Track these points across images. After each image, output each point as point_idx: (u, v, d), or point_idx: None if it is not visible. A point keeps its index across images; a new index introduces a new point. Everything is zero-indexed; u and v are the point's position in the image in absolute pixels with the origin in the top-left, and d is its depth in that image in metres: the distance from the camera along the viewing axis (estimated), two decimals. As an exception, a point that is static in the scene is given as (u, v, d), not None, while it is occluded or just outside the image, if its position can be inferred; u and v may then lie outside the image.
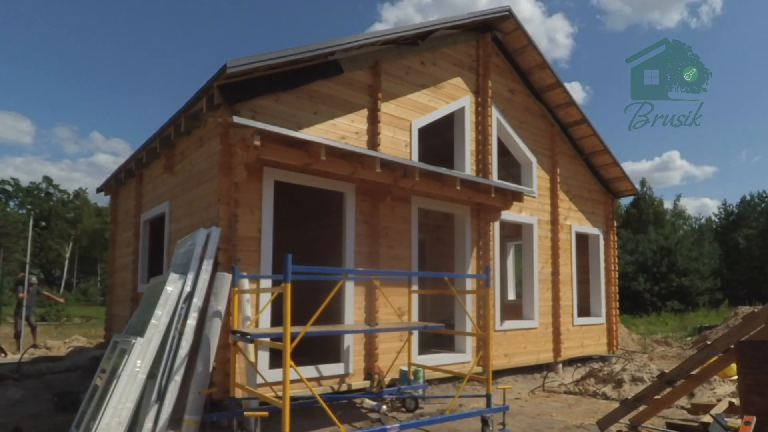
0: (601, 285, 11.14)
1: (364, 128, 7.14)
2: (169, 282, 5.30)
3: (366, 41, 6.81)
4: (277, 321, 7.50)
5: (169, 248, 7.43)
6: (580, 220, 10.68)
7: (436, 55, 8.20)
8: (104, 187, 10.97)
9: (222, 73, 5.43)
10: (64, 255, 59.09)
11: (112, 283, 10.71)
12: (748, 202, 38.27)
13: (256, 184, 6.01)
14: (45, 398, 6.75)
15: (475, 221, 8.44)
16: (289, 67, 6.29)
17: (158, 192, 8.21)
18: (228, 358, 5.59)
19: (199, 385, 5.11)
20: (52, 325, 21.69)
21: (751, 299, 28.17)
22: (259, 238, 6.00)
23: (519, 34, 9.12)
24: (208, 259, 5.52)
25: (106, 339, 10.54)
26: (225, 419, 5.23)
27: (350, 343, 6.66)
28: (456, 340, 8.29)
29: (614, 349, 11.20)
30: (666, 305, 30.13)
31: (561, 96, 9.92)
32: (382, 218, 7.12)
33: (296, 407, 5.56)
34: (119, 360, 4.99)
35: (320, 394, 6.29)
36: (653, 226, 37.40)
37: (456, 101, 8.45)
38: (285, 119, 6.29)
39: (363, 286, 6.87)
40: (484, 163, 8.77)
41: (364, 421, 5.92)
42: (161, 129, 7.19)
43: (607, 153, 10.75)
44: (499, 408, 5.59)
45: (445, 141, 10.49)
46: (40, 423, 5.74)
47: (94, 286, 46.43)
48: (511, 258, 14.80)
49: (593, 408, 6.74)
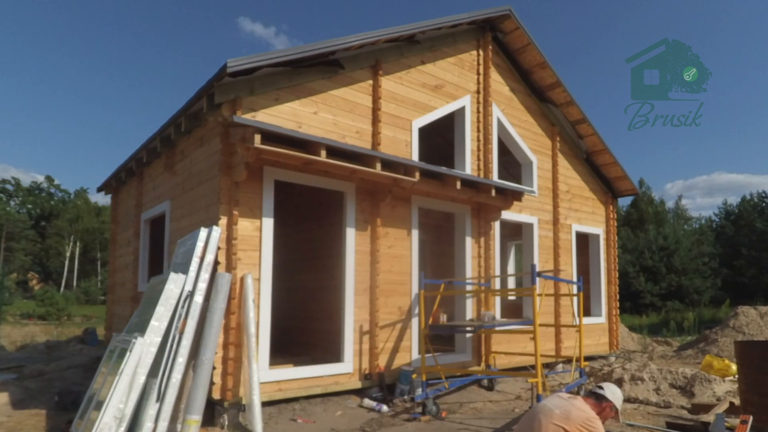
0: (601, 284, 11.13)
1: (364, 128, 7.14)
2: (170, 281, 5.30)
3: (366, 40, 6.80)
4: (277, 320, 7.50)
5: (169, 247, 7.43)
6: (580, 219, 10.68)
7: (436, 54, 8.20)
8: (105, 187, 10.97)
9: (222, 72, 5.43)
10: (64, 254, 59.13)
11: (113, 282, 10.71)
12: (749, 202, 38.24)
13: (256, 183, 6.01)
14: (45, 397, 6.76)
15: (475, 221, 8.43)
16: (290, 67, 6.29)
17: (159, 191, 8.21)
18: (228, 357, 5.60)
19: (200, 385, 5.11)
20: (52, 325, 21.71)
21: (752, 298, 28.17)
22: (259, 238, 6.00)
23: (520, 33, 9.12)
24: (209, 259, 5.52)
25: (106, 338, 10.55)
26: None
27: (350, 342, 6.66)
28: (457, 341, 8.29)
29: (614, 349, 11.19)
30: (666, 305, 30.12)
31: (562, 95, 9.92)
32: (382, 217, 7.12)
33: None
34: (120, 359, 5.00)
35: (320, 394, 6.32)
36: (653, 226, 37.36)
37: (456, 101, 8.44)
38: (285, 118, 6.29)
39: (363, 286, 6.87)
40: (484, 163, 8.77)
41: (365, 420, 5.92)
42: (162, 128, 7.18)
43: (607, 152, 10.75)
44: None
45: (446, 140, 10.50)
46: (41, 422, 5.75)
47: (94, 286, 46.41)
48: (511, 258, 14.81)
49: (593, 407, 6.73)
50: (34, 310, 27.38)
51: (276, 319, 6.80)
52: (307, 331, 8.32)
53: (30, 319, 25.08)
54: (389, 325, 7.10)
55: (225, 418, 5.52)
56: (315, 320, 8.11)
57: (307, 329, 8.34)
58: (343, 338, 6.65)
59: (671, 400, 7.03)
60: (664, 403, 6.95)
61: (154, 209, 8.32)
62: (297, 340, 8.57)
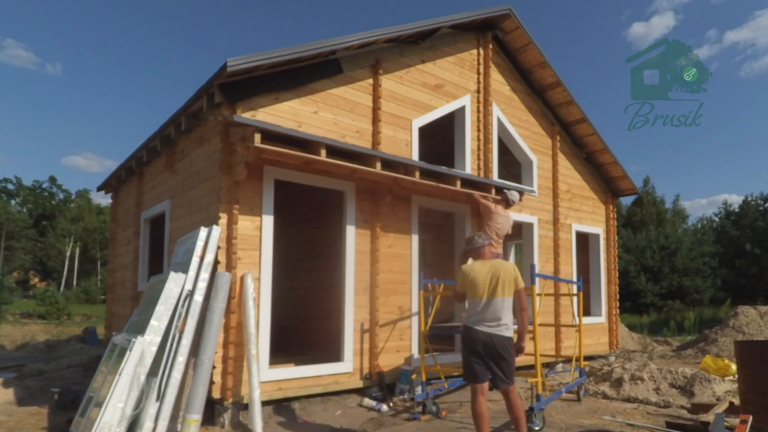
0: (601, 284, 11.13)
1: (364, 127, 7.14)
2: (170, 280, 5.30)
3: (366, 40, 6.80)
4: (277, 319, 7.51)
5: (169, 247, 7.43)
6: (580, 219, 10.68)
7: (436, 53, 8.19)
8: (105, 186, 10.97)
9: (222, 71, 5.43)
10: (65, 253, 59.15)
11: (113, 281, 10.71)
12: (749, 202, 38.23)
13: (256, 182, 6.01)
14: (45, 396, 6.76)
15: (475, 220, 8.43)
16: (290, 66, 6.28)
17: (159, 190, 8.20)
18: (228, 356, 5.60)
19: (200, 384, 5.11)
20: (52, 324, 21.72)
21: (752, 298, 28.16)
22: (259, 237, 6.00)
23: (520, 32, 9.12)
24: (209, 258, 5.52)
25: (106, 337, 10.55)
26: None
27: (350, 342, 6.66)
28: (457, 340, 8.29)
29: (614, 349, 11.19)
30: (666, 304, 30.11)
31: (562, 95, 9.92)
32: (382, 217, 7.12)
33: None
34: (119, 359, 5.00)
35: (320, 393, 6.32)
36: (654, 225, 37.33)
37: (457, 100, 8.44)
38: (285, 118, 6.28)
39: (363, 286, 6.87)
40: (484, 162, 8.77)
41: (364, 420, 5.92)
42: (162, 127, 7.18)
43: (607, 152, 10.75)
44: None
45: (446, 140, 10.48)
46: (41, 421, 5.75)
47: (95, 285, 46.42)
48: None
49: (593, 407, 6.74)
50: (34, 309, 27.40)
51: (276, 318, 6.81)
52: (307, 331, 8.33)
53: (30, 318, 25.10)
54: (389, 325, 7.10)
55: (225, 417, 5.52)
56: (315, 320, 8.12)
57: (307, 329, 8.35)
58: (343, 338, 6.65)
59: (671, 399, 7.03)
60: (663, 402, 6.95)
61: (154, 208, 8.32)
62: (297, 340, 8.57)
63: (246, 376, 5.61)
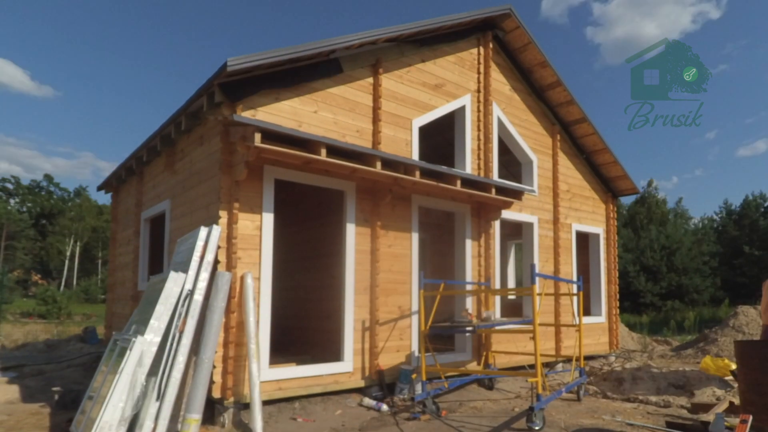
0: (601, 284, 11.13)
1: (364, 126, 7.14)
2: (170, 280, 5.30)
3: (366, 39, 6.80)
4: (277, 319, 7.51)
5: (169, 246, 7.43)
6: (580, 218, 10.68)
7: (437, 53, 8.19)
8: (105, 185, 10.97)
9: (222, 70, 5.43)
10: (65, 253, 59.14)
11: (113, 281, 10.71)
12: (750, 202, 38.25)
13: (256, 182, 6.00)
14: (46, 396, 6.76)
15: (475, 220, 8.43)
16: (290, 65, 6.28)
17: (159, 190, 8.21)
18: (228, 356, 5.60)
19: (200, 384, 5.11)
20: (52, 323, 21.72)
21: (752, 298, 28.15)
22: (259, 237, 6.00)
23: (520, 32, 9.11)
24: (209, 258, 5.52)
25: (106, 337, 10.55)
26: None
27: (350, 341, 6.66)
28: (457, 340, 8.30)
29: (614, 348, 11.19)
30: (666, 304, 30.12)
31: (562, 94, 9.91)
32: (382, 217, 7.12)
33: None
34: (120, 358, 5.00)
35: (320, 393, 6.32)
36: (655, 225, 37.35)
37: (457, 100, 8.44)
38: (285, 117, 6.28)
39: (363, 285, 6.88)
40: (485, 162, 8.77)
41: (365, 419, 5.93)
42: (162, 127, 7.18)
43: (608, 152, 10.75)
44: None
45: (446, 140, 10.48)
46: (41, 420, 5.75)
47: (95, 284, 46.42)
48: (512, 257, 14.80)
49: (593, 407, 6.74)
50: (34, 308, 27.40)
51: (276, 318, 6.81)
52: (307, 330, 8.33)
53: (30, 318, 25.11)
54: (389, 324, 7.10)
55: (225, 416, 5.52)
56: (315, 319, 8.12)
57: (307, 328, 8.35)
58: (343, 337, 6.65)
59: (671, 399, 7.03)
60: (663, 402, 6.95)
61: (154, 208, 8.32)
62: (297, 339, 8.57)
63: (246, 375, 5.61)
